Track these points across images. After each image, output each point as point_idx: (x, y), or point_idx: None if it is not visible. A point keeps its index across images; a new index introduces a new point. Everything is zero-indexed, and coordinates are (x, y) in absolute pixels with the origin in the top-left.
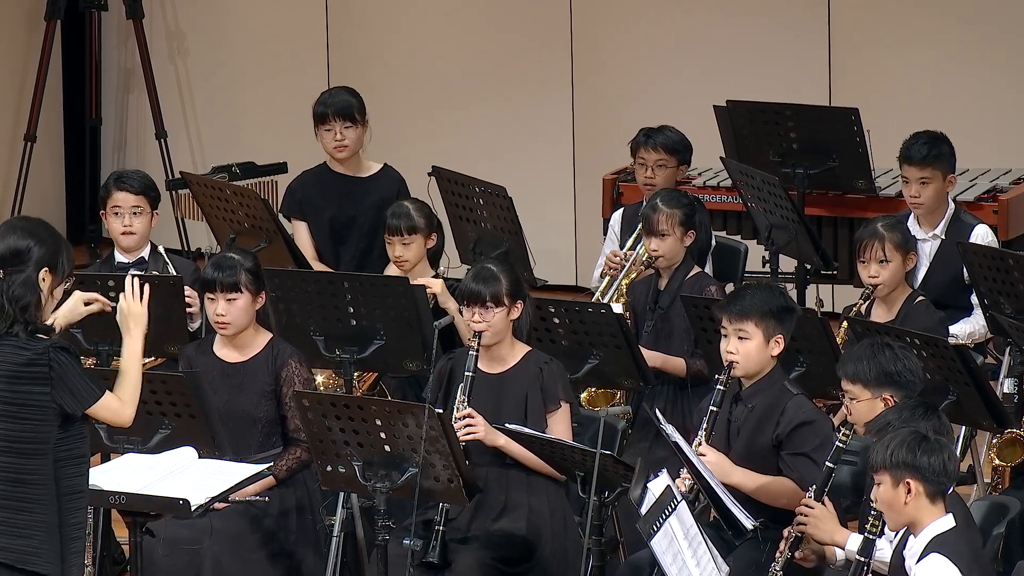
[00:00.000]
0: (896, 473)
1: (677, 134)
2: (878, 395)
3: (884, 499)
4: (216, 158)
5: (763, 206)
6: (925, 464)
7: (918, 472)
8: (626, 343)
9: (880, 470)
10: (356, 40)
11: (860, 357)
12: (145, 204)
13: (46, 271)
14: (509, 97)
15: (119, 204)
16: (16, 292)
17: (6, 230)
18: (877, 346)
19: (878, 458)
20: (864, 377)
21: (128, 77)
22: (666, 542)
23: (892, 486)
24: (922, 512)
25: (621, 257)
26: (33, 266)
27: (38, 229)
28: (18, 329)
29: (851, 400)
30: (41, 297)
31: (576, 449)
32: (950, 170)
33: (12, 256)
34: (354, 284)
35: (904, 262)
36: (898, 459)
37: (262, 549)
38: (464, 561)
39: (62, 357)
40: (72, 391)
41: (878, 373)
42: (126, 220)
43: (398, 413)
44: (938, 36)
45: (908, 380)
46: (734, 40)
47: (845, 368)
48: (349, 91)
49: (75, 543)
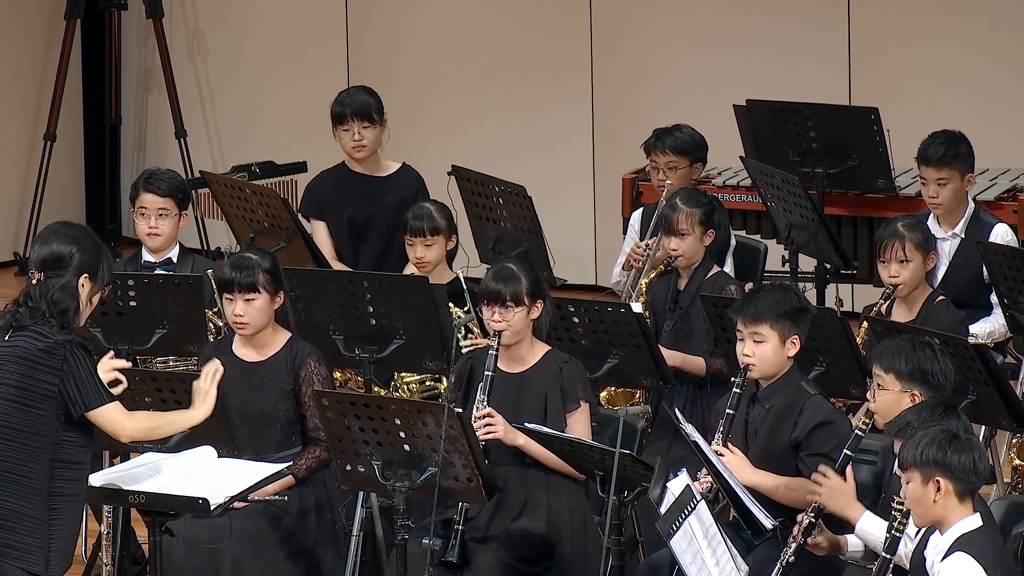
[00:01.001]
0: (926, 471)
1: (688, 134)
2: (907, 390)
3: (913, 497)
4: (236, 157)
5: (783, 205)
6: (955, 463)
7: (948, 470)
8: (645, 343)
9: (910, 468)
10: (376, 39)
11: (899, 349)
12: (172, 206)
13: (86, 278)
14: (528, 96)
15: (145, 206)
16: (56, 296)
17: (49, 235)
18: (919, 343)
19: (908, 456)
20: (899, 369)
21: (148, 76)
22: (685, 542)
23: (921, 484)
24: (950, 511)
25: (644, 247)
26: (73, 272)
27: (81, 235)
28: (53, 323)
29: (879, 388)
30: (80, 303)
31: (596, 448)
32: (968, 170)
33: (54, 260)
34: (373, 283)
35: (924, 262)
36: (928, 457)
37: (281, 548)
38: (483, 560)
39: (79, 353)
40: (80, 389)
41: (913, 368)
42: (152, 222)
43: (417, 412)
44: (959, 34)
45: (940, 383)
46: (754, 39)
47: (882, 357)
48: (367, 91)
49: (57, 542)
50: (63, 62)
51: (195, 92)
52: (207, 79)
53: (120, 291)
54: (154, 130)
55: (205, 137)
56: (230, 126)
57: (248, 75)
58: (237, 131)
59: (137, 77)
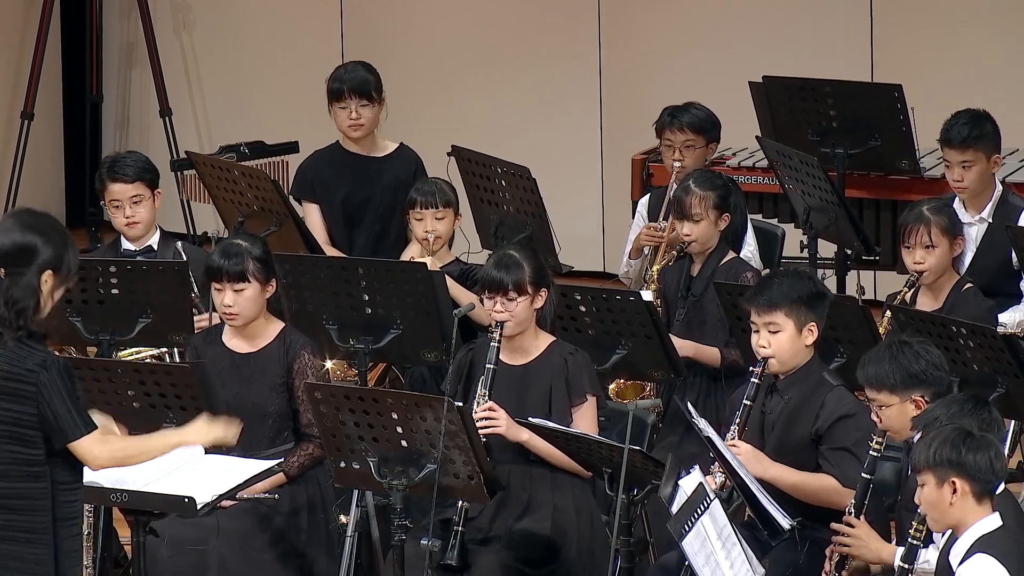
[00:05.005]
0: (940, 472)
1: (704, 111)
2: (907, 398)
3: (928, 500)
4: (223, 137)
5: (801, 188)
6: (971, 462)
7: (964, 471)
8: (656, 332)
9: (923, 470)
10: (371, 12)
11: (879, 361)
12: (144, 189)
13: (49, 273)
14: (532, 72)
15: (117, 197)
16: (14, 295)
17: (10, 225)
18: (895, 347)
19: (920, 457)
20: (889, 382)
21: (131, 51)
22: (698, 543)
23: (936, 486)
24: (968, 513)
25: (658, 228)
26: (36, 268)
27: (45, 226)
28: (8, 337)
29: (879, 408)
30: (40, 300)
31: (603, 444)
32: (995, 150)
33: (16, 253)
34: (369, 270)
35: (951, 247)
36: (941, 457)
37: (271, 550)
38: (485, 563)
39: (55, 379)
40: (57, 421)
41: (903, 376)
42: (127, 211)
43: (415, 406)
44: (987, 8)
45: (935, 376)
46: (770, 12)
47: (867, 376)
48: (366, 67)
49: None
50: (41, 36)
51: (181, 68)
52: (193, 54)
53: (101, 279)
54: (137, 108)
55: (191, 116)
56: (217, 104)
57: (237, 50)
58: (225, 109)
59: (119, 52)
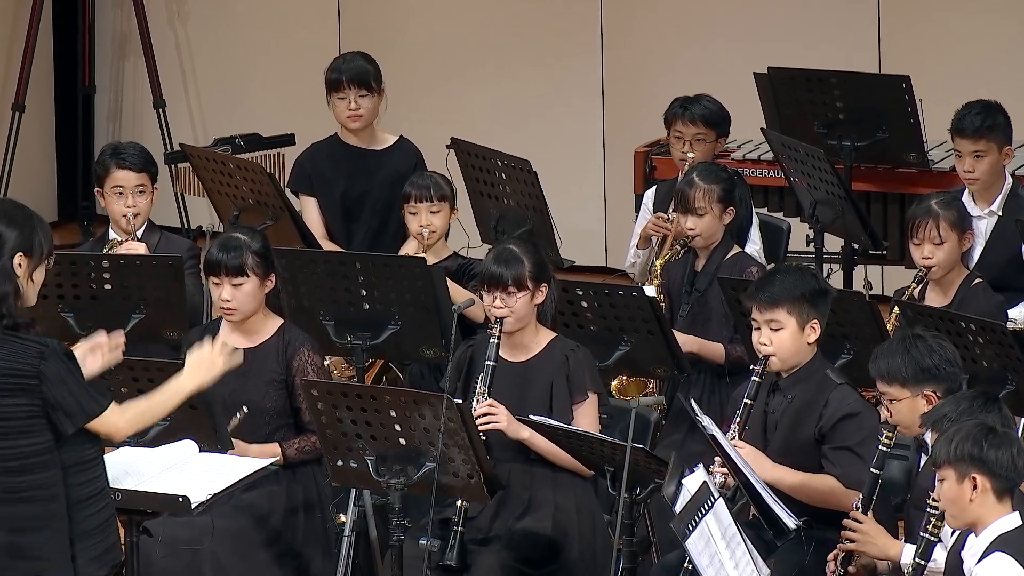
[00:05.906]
0: (961, 468)
1: (715, 104)
2: (918, 392)
3: (948, 496)
4: (218, 129)
5: (807, 181)
6: (993, 458)
7: (985, 467)
8: (659, 328)
9: (944, 465)
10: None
11: (893, 354)
12: (147, 181)
13: (21, 256)
14: (533, 63)
15: (121, 184)
16: None
17: None
18: (909, 341)
19: (941, 452)
20: (901, 376)
21: (124, 41)
22: (702, 543)
23: (957, 482)
24: (988, 510)
25: (666, 219)
26: (7, 254)
27: (8, 210)
28: None
29: (890, 402)
30: (19, 285)
31: (605, 442)
32: (1006, 142)
33: None
34: (367, 265)
35: (960, 242)
36: (963, 453)
37: (267, 550)
38: (485, 563)
39: (57, 366)
40: (63, 407)
41: (915, 370)
42: (129, 200)
43: (414, 404)
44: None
45: (948, 372)
46: (776, 1)
47: (879, 369)
48: (365, 57)
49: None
50: (32, 26)
51: (175, 59)
52: (187, 45)
53: (94, 273)
54: (130, 100)
55: (185, 107)
56: (212, 95)
57: (232, 40)
58: (220, 101)
59: (112, 42)
